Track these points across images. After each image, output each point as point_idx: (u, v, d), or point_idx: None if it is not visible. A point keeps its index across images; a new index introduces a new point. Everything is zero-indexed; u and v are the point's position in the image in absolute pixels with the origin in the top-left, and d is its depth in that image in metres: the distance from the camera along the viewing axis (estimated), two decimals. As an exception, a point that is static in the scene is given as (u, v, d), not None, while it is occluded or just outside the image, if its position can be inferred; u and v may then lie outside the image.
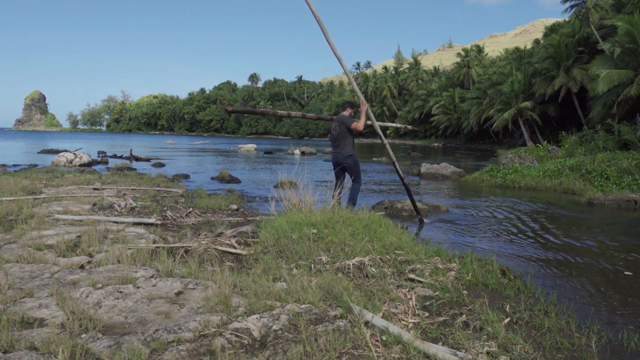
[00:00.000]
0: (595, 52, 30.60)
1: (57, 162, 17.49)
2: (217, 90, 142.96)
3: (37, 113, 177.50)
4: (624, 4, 29.02)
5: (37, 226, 5.43)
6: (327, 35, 6.02)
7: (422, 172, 16.50)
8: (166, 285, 3.50)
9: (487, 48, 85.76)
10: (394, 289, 3.68)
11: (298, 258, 4.34)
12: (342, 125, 6.71)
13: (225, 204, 8.03)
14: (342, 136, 6.71)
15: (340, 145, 6.75)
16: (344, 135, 6.72)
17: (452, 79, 69.16)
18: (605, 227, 7.59)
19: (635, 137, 18.19)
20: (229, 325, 2.79)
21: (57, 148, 30.50)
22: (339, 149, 6.77)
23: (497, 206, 9.54)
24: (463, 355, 2.57)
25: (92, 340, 2.59)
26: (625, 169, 12.55)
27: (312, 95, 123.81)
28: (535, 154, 26.23)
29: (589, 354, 2.82)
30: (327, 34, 6.02)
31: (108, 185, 9.87)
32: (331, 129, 6.83)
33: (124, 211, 6.71)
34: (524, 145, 37.00)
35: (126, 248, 4.45)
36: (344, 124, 6.72)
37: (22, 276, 3.64)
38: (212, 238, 5.10)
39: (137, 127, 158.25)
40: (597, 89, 23.74)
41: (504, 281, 4.14)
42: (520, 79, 39.04)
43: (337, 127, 6.75)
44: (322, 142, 76.35)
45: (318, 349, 2.53)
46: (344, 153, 6.73)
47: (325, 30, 6.02)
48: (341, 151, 6.74)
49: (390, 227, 5.36)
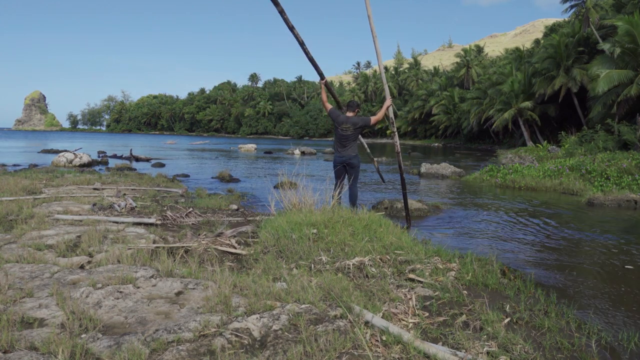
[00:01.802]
0: (595, 52, 30.60)
1: (57, 162, 17.48)
2: (217, 90, 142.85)
3: (37, 113, 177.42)
4: (624, 4, 29.02)
5: (37, 226, 5.43)
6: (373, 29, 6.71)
7: (422, 172, 16.51)
8: (166, 285, 3.50)
9: (487, 48, 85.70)
10: (394, 289, 3.68)
11: (298, 258, 4.35)
12: (356, 126, 6.70)
13: (225, 204, 8.03)
14: (354, 138, 6.76)
15: (349, 146, 6.77)
16: (355, 137, 6.77)
17: (452, 79, 69.12)
18: (606, 227, 7.59)
19: (635, 137, 18.20)
20: (229, 325, 2.79)
21: (57, 148, 30.51)
22: (346, 149, 6.77)
23: (497, 206, 9.54)
24: (463, 355, 2.57)
25: (92, 340, 2.59)
26: (625, 169, 12.55)
27: (312, 95, 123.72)
28: (535, 154, 26.24)
29: (589, 354, 2.82)
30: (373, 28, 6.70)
31: (108, 185, 9.87)
32: (340, 129, 6.76)
33: (124, 211, 6.71)
34: (524, 145, 37.00)
35: (126, 248, 4.45)
36: (360, 125, 6.72)
37: (22, 276, 3.64)
38: (212, 238, 5.11)
39: (137, 127, 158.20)
40: (597, 89, 23.74)
41: (504, 281, 4.14)
42: (520, 79, 39.02)
43: (350, 128, 6.71)
44: (322, 142, 76.37)
45: (318, 349, 2.53)
46: (351, 153, 6.76)
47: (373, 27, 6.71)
48: (349, 152, 6.76)
49: (390, 227, 5.36)
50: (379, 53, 6.80)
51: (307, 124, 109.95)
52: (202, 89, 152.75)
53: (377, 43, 6.66)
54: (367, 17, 6.60)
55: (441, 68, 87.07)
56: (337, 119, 6.82)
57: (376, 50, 6.78)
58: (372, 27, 6.65)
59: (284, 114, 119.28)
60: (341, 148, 6.78)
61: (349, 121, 6.72)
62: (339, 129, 6.76)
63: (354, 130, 6.69)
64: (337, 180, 6.75)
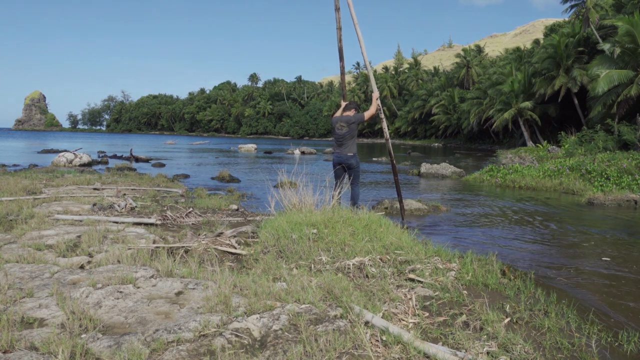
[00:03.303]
0: (595, 52, 30.59)
1: (57, 162, 17.49)
2: (217, 90, 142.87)
3: (37, 113, 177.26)
4: (624, 4, 29.02)
5: (37, 226, 5.43)
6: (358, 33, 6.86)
7: (422, 172, 16.51)
8: (166, 285, 3.50)
9: (487, 48, 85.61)
10: (394, 289, 3.68)
11: (298, 258, 4.34)
12: (351, 124, 6.82)
13: (225, 204, 8.03)
14: (350, 135, 6.83)
15: (345, 145, 6.85)
16: (351, 134, 6.84)
17: (452, 79, 69.11)
18: (606, 227, 7.59)
19: (635, 137, 18.20)
20: (229, 325, 2.79)
21: (57, 148, 30.52)
22: (342, 148, 6.86)
23: (497, 206, 9.54)
24: (463, 355, 2.57)
25: (92, 340, 2.59)
26: (625, 169, 12.56)
27: (312, 95, 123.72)
28: (535, 154, 26.25)
29: (589, 354, 2.82)
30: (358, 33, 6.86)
31: (108, 185, 9.87)
32: (336, 128, 6.91)
33: (124, 211, 6.71)
34: (524, 146, 37.02)
35: (126, 248, 4.45)
36: (354, 122, 6.84)
37: (22, 276, 3.64)
38: (212, 238, 5.10)
39: (137, 127, 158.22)
40: (597, 89, 23.75)
41: (504, 281, 4.14)
42: (520, 79, 39.02)
43: (344, 126, 6.83)
44: (322, 142, 76.39)
45: (318, 349, 2.53)
46: (347, 153, 6.82)
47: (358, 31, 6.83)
48: (345, 151, 6.84)
49: (390, 227, 5.36)
50: (361, 40, 6.93)
51: (307, 124, 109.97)
52: (202, 89, 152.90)
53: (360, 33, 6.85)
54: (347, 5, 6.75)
55: (441, 68, 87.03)
56: (333, 120, 7.00)
57: (359, 39, 6.90)
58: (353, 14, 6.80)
59: (284, 114, 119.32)
60: (338, 147, 6.91)
61: (342, 119, 6.87)
62: (335, 128, 6.92)
63: (348, 126, 6.80)
64: (337, 180, 6.80)
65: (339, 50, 7.10)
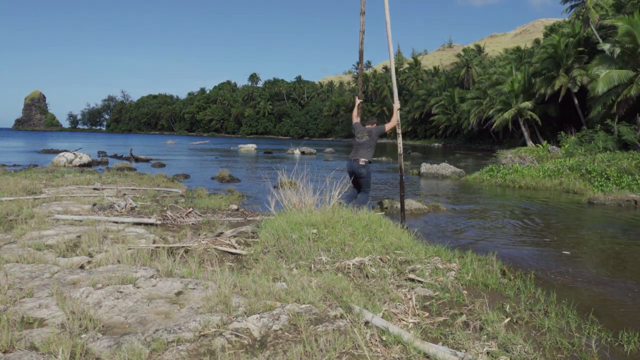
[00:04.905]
0: (595, 52, 30.58)
1: (57, 162, 17.48)
2: (217, 90, 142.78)
3: (37, 113, 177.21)
4: (623, 4, 29.01)
5: (37, 226, 5.43)
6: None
7: (422, 172, 16.51)
8: (166, 285, 3.50)
9: (487, 48, 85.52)
10: (394, 289, 3.68)
11: (298, 258, 4.34)
12: (371, 134, 7.09)
13: (225, 204, 8.03)
14: (368, 145, 7.07)
15: (360, 152, 7.05)
16: (370, 144, 7.09)
17: (452, 79, 69.07)
18: (606, 227, 7.59)
19: (635, 137, 18.21)
20: (229, 325, 2.79)
21: (57, 148, 30.52)
22: (356, 154, 7.06)
23: (497, 206, 9.54)
24: (463, 355, 2.57)
25: (92, 340, 2.59)
26: (625, 169, 12.56)
27: (312, 95, 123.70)
28: (535, 154, 26.25)
29: (589, 354, 2.82)
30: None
31: (108, 185, 9.87)
32: (357, 137, 7.18)
33: (124, 211, 6.71)
34: (524, 145, 37.00)
35: (126, 248, 4.45)
36: (374, 133, 7.12)
37: (22, 276, 3.64)
38: (212, 238, 5.10)
39: (137, 127, 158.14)
40: (597, 89, 23.74)
41: (504, 281, 4.14)
42: (520, 79, 39.01)
43: (365, 135, 7.11)
44: (322, 142, 76.37)
45: (318, 349, 2.53)
46: (360, 161, 7.00)
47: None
48: (357, 156, 7.03)
49: (390, 227, 5.36)
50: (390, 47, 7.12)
51: (307, 124, 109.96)
52: (202, 89, 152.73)
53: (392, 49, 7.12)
54: (385, 23, 6.97)
55: (441, 68, 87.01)
56: (357, 128, 7.33)
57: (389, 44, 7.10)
58: (389, 32, 7.03)
59: (284, 114, 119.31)
60: (354, 153, 7.14)
61: (365, 130, 7.20)
62: (357, 136, 7.22)
63: (369, 137, 7.10)
64: (355, 187, 7.22)
65: (359, 53, 7.23)
